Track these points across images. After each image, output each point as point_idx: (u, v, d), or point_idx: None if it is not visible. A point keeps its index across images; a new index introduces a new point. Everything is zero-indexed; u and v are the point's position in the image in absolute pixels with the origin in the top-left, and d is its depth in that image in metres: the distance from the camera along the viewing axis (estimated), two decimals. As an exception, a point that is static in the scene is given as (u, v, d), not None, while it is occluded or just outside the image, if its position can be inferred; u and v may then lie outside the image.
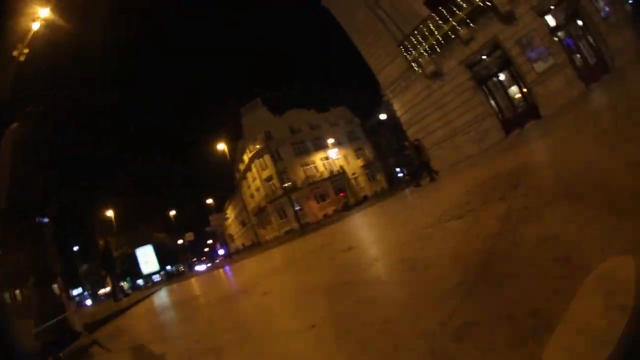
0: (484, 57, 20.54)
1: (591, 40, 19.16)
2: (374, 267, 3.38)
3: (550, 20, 19.14)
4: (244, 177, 64.35)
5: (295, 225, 43.00)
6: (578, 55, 19.39)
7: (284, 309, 3.36)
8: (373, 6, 23.22)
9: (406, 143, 18.24)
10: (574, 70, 18.19)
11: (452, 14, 19.81)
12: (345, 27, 25.79)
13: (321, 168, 58.22)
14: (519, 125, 19.32)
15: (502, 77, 21.17)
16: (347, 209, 44.06)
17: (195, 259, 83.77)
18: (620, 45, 16.99)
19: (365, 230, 8.77)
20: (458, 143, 21.03)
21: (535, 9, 18.48)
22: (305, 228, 31.77)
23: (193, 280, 17.83)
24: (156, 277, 66.16)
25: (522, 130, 17.72)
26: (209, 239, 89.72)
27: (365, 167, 62.40)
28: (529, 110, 19.59)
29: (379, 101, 50.07)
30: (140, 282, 62.54)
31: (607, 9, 17.91)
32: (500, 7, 18.56)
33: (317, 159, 58.65)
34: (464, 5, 19.51)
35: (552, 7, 18.98)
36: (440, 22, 20.20)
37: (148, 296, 14.11)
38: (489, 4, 18.89)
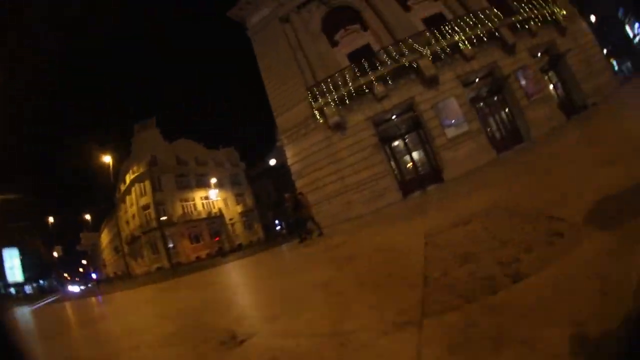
0: (394, 116, 20.11)
1: (509, 112, 20.23)
2: None
3: (473, 90, 20.04)
4: (123, 200, 56.90)
5: (166, 263, 39.26)
6: (494, 126, 20.45)
7: None
8: (295, 46, 22.22)
9: (286, 195, 16.46)
10: (487, 138, 19.09)
11: (374, 69, 19.25)
12: (260, 62, 24.01)
13: (199, 207, 53.70)
14: (420, 188, 19.05)
15: (408, 138, 20.94)
16: (221, 255, 40.94)
17: (69, 278, 74.65)
18: (537, 119, 18.49)
19: (250, 293, 6.26)
20: (350, 200, 19.38)
21: (460, 78, 19.08)
22: (176, 268, 29.76)
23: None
24: (27, 289, 58.83)
25: (423, 193, 17.35)
26: (83, 259, 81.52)
27: (243, 214, 58.99)
28: (431, 173, 19.54)
29: (270, 147, 48.25)
30: (12, 290, 54.12)
31: (530, 87, 19.19)
32: (426, 70, 18.63)
33: (198, 196, 54.18)
34: (389, 62, 19.19)
35: (478, 79, 19.91)
36: (359, 74, 19.44)
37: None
38: (414, 65, 18.85)
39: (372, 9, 21.85)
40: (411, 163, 20.89)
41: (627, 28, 37.71)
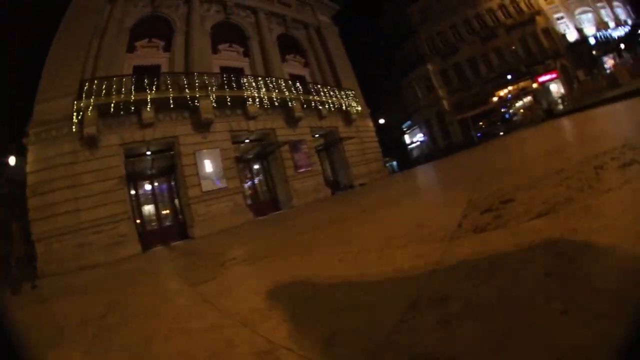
0: (148, 152, 17.38)
1: (271, 179, 21.11)
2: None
3: (241, 149, 20.06)
4: None
5: None
6: (254, 189, 21.01)
7: None
8: (100, 32, 18.29)
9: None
10: (245, 200, 18.71)
11: (154, 89, 16.58)
12: (58, 32, 17.97)
13: None
14: (162, 242, 16.10)
15: (158, 181, 18.32)
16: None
17: None
18: (302, 190, 19.90)
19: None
20: (84, 242, 14.39)
21: (233, 132, 18.58)
22: None
23: None
24: None
25: (168, 247, 14.56)
26: None
27: (-21, 238, 41.47)
28: (177, 227, 17.22)
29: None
30: None
31: (301, 160, 20.65)
32: (204, 112, 17.19)
33: None
34: (171, 90, 16.84)
35: (249, 140, 19.91)
36: (136, 89, 16.33)
37: None
38: (196, 104, 17.17)
39: (186, 34, 20.59)
40: (155, 211, 17.86)
41: (406, 137, 49.75)
